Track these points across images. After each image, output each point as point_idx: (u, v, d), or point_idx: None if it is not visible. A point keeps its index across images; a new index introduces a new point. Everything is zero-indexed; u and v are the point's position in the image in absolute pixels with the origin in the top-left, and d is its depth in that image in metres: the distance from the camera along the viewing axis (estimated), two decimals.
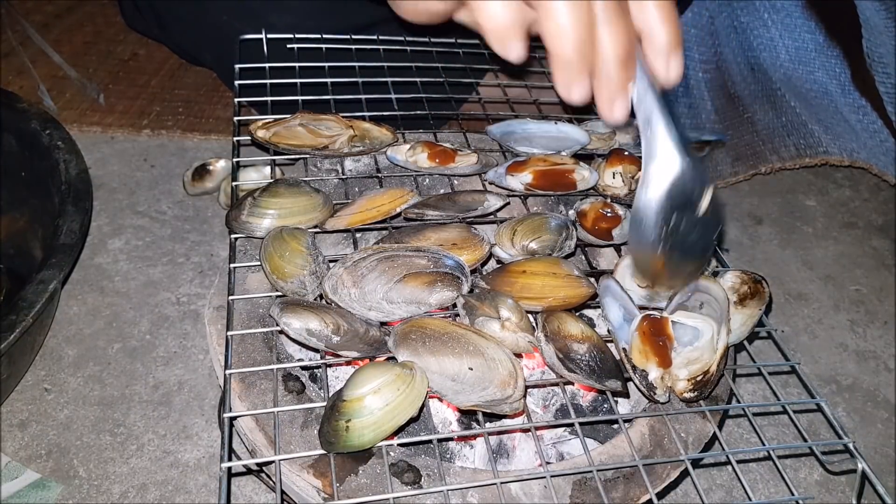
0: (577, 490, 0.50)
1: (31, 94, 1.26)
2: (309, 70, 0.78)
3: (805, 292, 1.08)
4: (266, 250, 0.56)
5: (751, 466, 0.84)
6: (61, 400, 0.83)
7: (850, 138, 1.29)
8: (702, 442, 0.55)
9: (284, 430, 0.51)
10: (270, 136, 0.68)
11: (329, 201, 0.63)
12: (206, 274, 0.99)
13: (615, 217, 0.66)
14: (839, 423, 0.54)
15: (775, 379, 0.59)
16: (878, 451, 0.87)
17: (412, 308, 0.53)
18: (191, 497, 0.75)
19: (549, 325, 0.53)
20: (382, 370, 0.47)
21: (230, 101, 1.24)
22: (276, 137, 0.69)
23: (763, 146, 1.29)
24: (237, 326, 0.57)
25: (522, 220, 0.63)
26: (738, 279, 0.60)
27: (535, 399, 0.67)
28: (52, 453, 0.77)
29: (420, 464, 0.51)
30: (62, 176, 0.87)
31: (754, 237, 1.18)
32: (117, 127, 1.23)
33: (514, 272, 0.57)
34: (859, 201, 1.28)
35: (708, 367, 0.52)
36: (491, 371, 0.48)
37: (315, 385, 0.58)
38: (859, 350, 1.00)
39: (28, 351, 0.82)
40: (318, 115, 0.71)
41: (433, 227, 0.61)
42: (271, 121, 0.70)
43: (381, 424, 0.46)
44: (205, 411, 0.83)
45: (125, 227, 1.06)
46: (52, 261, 0.75)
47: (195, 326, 0.92)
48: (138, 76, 1.36)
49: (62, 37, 1.44)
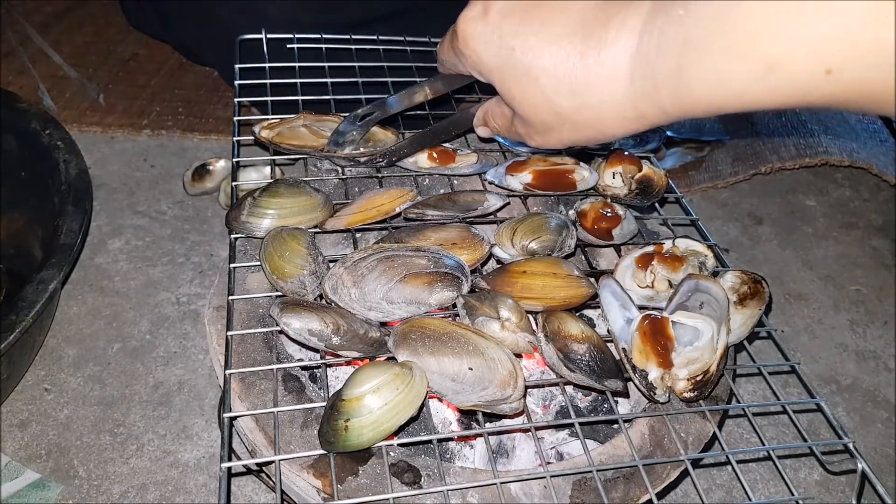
0: (577, 490, 0.50)
1: (31, 94, 1.26)
2: (309, 70, 0.78)
3: (805, 292, 1.08)
4: (266, 250, 0.56)
5: (751, 466, 0.84)
6: (61, 400, 0.83)
7: (850, 138, 1.29)
8: (702, 442, 0.55)
9: (284, 430, 0.51)
10: (273, 136, 0.68)
11: (329, 201, 0.63)
12: (206, 274, 0.99)
13: (615, 217, 0.66)
14: (839, 423, 0.54)
15: (775, 379, 0.59)
16: (878, 451, 0.87)
17: (412, 308, 0.53)
18: (191, 497, 0.75)
19: (549, 325, 0.53)
20: (382, 370, 0.47)
21: (230, 101, 1.24)
22: (279, 138, 0.69)
23: (763, 146, 1.29)
24: (237, 326, 0.57)
25: (522, 220, 0.63)
26: (738, 279, 0.60)
27: (534, 399, 0.67)
28: (52, 453, 0.77)
29: (420, 464, 0.50)
30: (62, 176, 0.87)
31: (754, 237, 1.18)
32: (117, 127, 1.23)
33: (515, 272, 0.57)
34: (859, 201, 1.28)
35: (708, 367, 0.52)
36: (491, 371, 0.48)
37: (315, 385, 0.58)
38: (859, 350, 1.00)
39: (28, 351, 0.82)
40: (322, 117, 0.71)
41: (433, 227, 0.61)
42: (276, 121, 0.70)
43: (381, 424, 0.46)
44: (205, 411, 0.83)
45: (125, 227, 1.06)
46: (52, 261, 0.75)
47: (195, 326, 0.92)
48: (138, 76, 1.36)
49: (62, 37, 1.44)
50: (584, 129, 0.41)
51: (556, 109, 0.41)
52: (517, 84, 0.42)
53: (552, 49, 0.39)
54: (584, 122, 0.40)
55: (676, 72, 0.34)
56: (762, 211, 1.23)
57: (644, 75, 0.35)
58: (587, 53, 0.37)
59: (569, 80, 0.39)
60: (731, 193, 1.26)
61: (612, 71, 0.37)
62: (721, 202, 1.24)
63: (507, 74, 0.42)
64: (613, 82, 0.37)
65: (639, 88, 0.36)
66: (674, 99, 0.35)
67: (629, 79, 0.36)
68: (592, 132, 0.41)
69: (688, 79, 0.33)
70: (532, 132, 0.45)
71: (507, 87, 0.43)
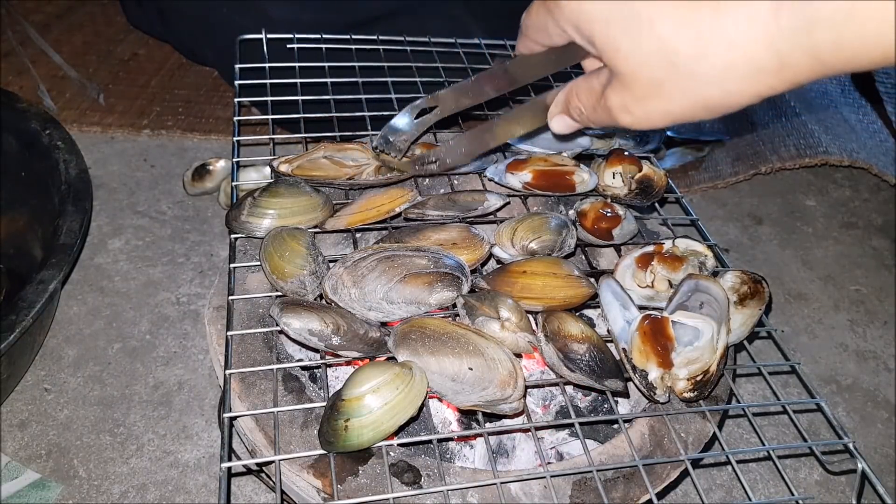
0: (577, 490, 0.50)
1: (31, 94, 1.26)
2: (309, 70, 0.78)
3: (805, 292, 1.08)
4: (266, 250, 0.56)
5: (751, 466, 0.84)
6: (61, 400, 0.83)
7: (850, 138, 1.29)
8: (702, 442, 0.55)
9: (284, 430, 0.51)
10: (294, 170, 0.66)
11: (329, 201, 0.63)
12: (206, 274, 0.99)
13: (615, 217, 0.66)
14: (839, 423, 0.54)
15: (775, 379, 0.59)
16: (878, 451, 0.87)
17: (412, 308, 0.53)
18: (191, 497, 0.75)
19: (549, 325, 0.53)
20: (381, 369, 0.47)
21: (230, 101, 1.24)
22: (300, 171, 0.66)
23: (763, 146, 1.29)
24: (237, 326, 0.57)
25: (522, 220, 0.63)
26: (738, 279, 0.60)
27: (534, 399, 0.67)
28: (52, 453, 0.77)
29: (420, 464, 0.50)
30: (62, 176, 0.87)
31: (754, 237, 1.18)
32: (117, 127, 1.23)
33: (515, 272, 0.57)
34: (859, 201, 1.28)
35: (708, 367, 0.52)
36: (491, 371, 0.48)
37: (315, 385, 0.58)
38: (859, 350, 1.00)
39: (28, 351, 0.82)
40: (343, 146, 0.68)
41: (433, 227, 0.61)
42: (293, 156, 0.67)
43: (381, 424, 0.46)
44: (205, 411, 0.83)
45: (125, 227, 1.06)
46: (52, 261, 0.75)
47: (195, 326, 0.92)
48: (138, 76, 1.36)
49: (62, 37, 1.44)
50: (702, 88, 0.34)
51: (673, 59, 0.33)
52: (627, 32, 0.35)
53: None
54: (706, 76, 0.33)
55: (849, 3, 0.27)
56: (762, 211, 1.23)
57: (795, 10, 0.29)
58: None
59: (694, 21, 0.32)
60: (731, 193, 1.26)
61: (752, 10, 0.30)
62: (721, 202, 1.24)
63: (613, 20, 0.35)
64: (751, 23, 0.30)
65: (785, 27, 0.29)
66: (837, 41, 0.28)
67: (773, 15, 0.29)
68: (713, 92, 0.33)
69: (866, 12, 0.27)
70: (631, 101, 0.37)
71: (612, 38, 0.36)
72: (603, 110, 0.40)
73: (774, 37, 0.30)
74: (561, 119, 0.46)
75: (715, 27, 0.31)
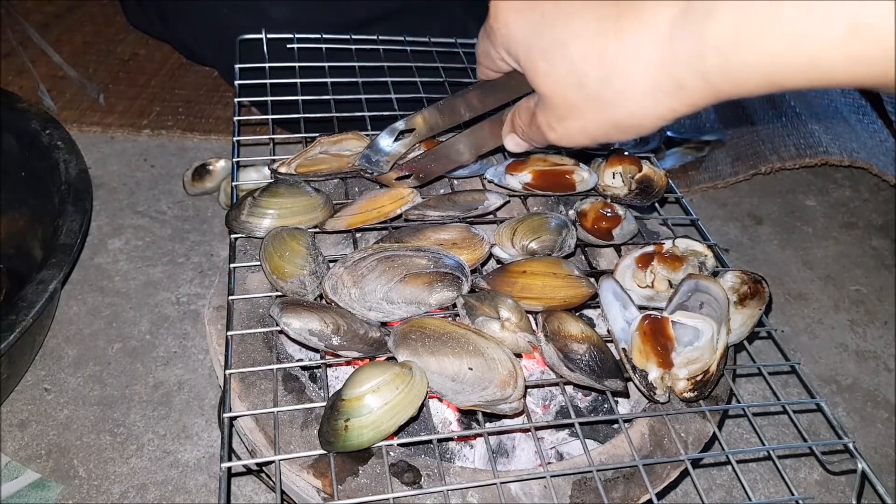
0: (577, 490, 0.50)
1: (31, 94, 1.26)
2: (309, 70, 0.78)
3: (805, 292, 1.08)
4: (266, 250, 0.56)
5: (751, 466, 0.84)
6: (61, 400, 0.83)
7: (850, 138, 1.29)
8: (702, 442, 0.55)
9: (284, 430, 0.51)
10: (295, 170, 0.65)
11: (329, 201, 0.63)
12: (206, 274, 0.99)
13: (615, 217, 0.66)
14: (839, 423, 0.54)
15: (775, 379, 0.59)
16: (878, 451, 0.87)
17: (412, 308, 0.53)
18: (191, 497, 0.75)
19: (549, 325, 0.53)
20: (381, 369, 0.47)
21: (230, 101, 1.24)
22: (302, 169, 0.66)
23: (763, 146, 1.29)
24: (237, 326, 0.57)
25: (522, 220, 0.63)
26: (738, 279, 0.60)
27: (534, 399, 0.67)
28: (52, 453, 0.77)
29: (420, 464, 0.50)
30: (62, 176, 0.87)
31: (754, 237, 1.18)
32: (117, 127, 1.23)
33: (515, 272, 0.57)
34: (859, 201, 1.28)
35: (708, 367, 0.52)
36: (491, 371, 0.48)
37: (315, 385, 0.58)
38: (859, 350, 1.00)
39: (28, 351, 0.82)
40: (338, 138, 0.68)
41: (433, 227, 0.61)
42: (289, 157, 0.67)
43: (381, 424, 0.46)
44: (205, 411, 0.83)
45: (125, 227, 1.06)
46: (52, 261, 0.75)
47: (195, 326, 0.92)
48: (138, 76, 1.36)
49: (62, 37, 1.44)
50: (609, 110, 0.35)
51: (583, 80, 0.35)
52: (543, 56, 0.37)
53: (584, 14, 0.34)
54: (611, 98, 0.34)
55: (733, 33, 0.28)
56: (762, 211, 1.23)
57: (687, 35, 0.30)
58: (622, 16, 0.32)
59: (599, 44, 0.33)
60: (731, 193, 1.26)
61: (650, 35, 0.31)
62: (721, 202, 1.24)
63: (534, 45, 0.37)
64: (649, 45, 0.31)
65: (679, 52, 0.30)
66: (724, 67, 0.29)
67: (669, 38, 0.30)
68: (620, 113, 0.35)
69: (747, 41, 0.28)
70: (554, 120, 0.39)
71: (532, 61, 0.38)
72: (535, 128, 0.42)
73: (669, 60, 0.31)
74: (512, 138, 0.48)
75: (618, 50, 0.33)
